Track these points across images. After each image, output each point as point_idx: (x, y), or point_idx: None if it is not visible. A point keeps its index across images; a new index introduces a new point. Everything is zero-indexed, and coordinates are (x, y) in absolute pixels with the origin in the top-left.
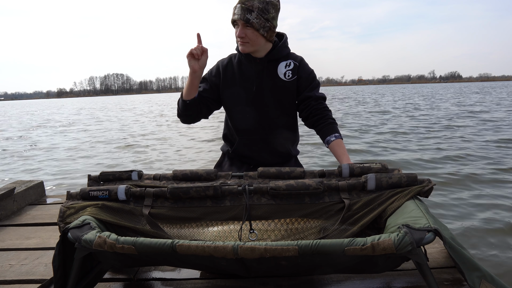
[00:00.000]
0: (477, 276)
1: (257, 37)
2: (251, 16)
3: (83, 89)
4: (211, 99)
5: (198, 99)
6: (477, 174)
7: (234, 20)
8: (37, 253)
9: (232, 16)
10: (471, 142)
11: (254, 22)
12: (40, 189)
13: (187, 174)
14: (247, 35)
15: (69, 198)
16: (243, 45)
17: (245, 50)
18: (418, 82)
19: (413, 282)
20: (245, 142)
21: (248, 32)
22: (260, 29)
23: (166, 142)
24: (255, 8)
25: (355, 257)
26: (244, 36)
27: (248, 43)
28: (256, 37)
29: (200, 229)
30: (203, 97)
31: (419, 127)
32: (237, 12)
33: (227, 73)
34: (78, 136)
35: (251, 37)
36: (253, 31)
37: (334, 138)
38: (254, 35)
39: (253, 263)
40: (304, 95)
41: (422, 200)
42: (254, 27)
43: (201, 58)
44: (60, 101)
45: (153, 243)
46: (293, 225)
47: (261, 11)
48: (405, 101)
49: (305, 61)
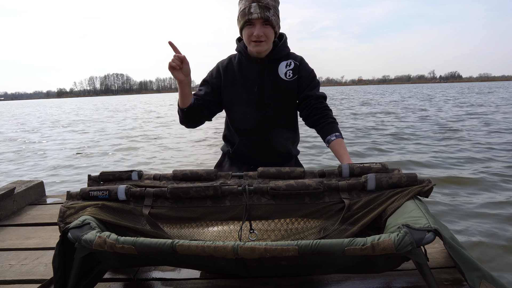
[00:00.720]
0: (477, 276)
1: (272, 35)
2: (269, 13)
3: (83, 89)
4: (213, 101)
5: (196, 104)
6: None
7: (249, 20)
8: (37, 253)
9: (244, 16)
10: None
11: (272, 20)
12: (40, 189)
13: (187, 174)
14: (265, 34)
15: (69, 198)
16: (260, 45)
17: (261, 50)
18: (418, 82)
19: (413, 282)
20: (245, 142)
21: (267, 31)
22: (276, 27)
23: (166, 142)
24: (270, 6)
25: (355, 257)
26: (263, 35)
27: (264, 42)
28: (272, 35)
29: (200, 229)
30: (205, 100)
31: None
32: (255, 11)
33: (228, 74)
34: (78, 136)
35: (269, 35)
36: (270, 29)
37: (335, 137)
38: (271, 33)
39: (253, 263)
40: (305, 94)
41: (422, 200)
42: (272, 25)
43: (182, 67)
44: (60, 101)
45: (153, 243)
46: (293, 225)
47: (275, 9)
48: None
49: (305, 61)
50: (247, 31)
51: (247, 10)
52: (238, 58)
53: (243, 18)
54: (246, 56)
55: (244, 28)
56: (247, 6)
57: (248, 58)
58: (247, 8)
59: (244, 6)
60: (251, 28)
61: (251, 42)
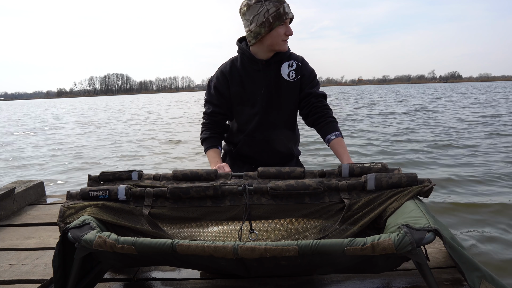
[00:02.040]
0: (477, 276)
1: None
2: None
3: (83, 89)
4: (227, 114)
5: (220, 141)
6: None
7: (283, 19)
8: (37, 253)
9: (280, 17)
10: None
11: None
12: (40, 189)
13: (187, 174)
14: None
15: (69, 198)
16: (286, 43)
17: (287, 47)
18: (418, 82)
19: (413, 282)
20: (248, 142)
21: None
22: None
23: (165, 142)
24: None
25: (355, 257)
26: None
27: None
28: None
29: (200, 229)
30: (220, 114)
31: None
32: (289, 10)
33: (233, 76)
34: (78, 136)
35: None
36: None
37: (335, 136)
38: None
39: (253, 263)
40: (305, 92)
41: (422, 200)
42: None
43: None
44: (60, 101)
45: (153, 243)
46: (293, 225)
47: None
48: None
49: (306, 61)
50: (278, 30)
51: (282, 11)
52: (241, 60)
53: (279, 19)
54: (250, 57)
55: (275, 28)
56: (280, 7)
57: (252, 60)
58: (281, 9)
59: (276, 7)
60: (283, 27)
61: (282, 41)
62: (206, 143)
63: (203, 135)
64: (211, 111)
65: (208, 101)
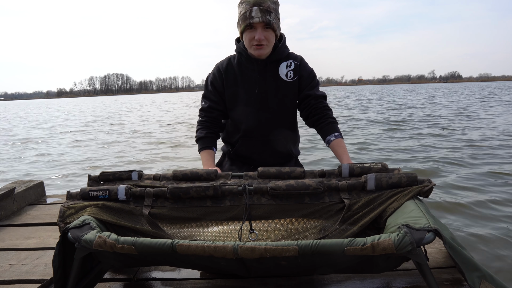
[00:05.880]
0: (477, 276)
1: (273, 39)
2: (270, 17)
3: (83, 89)
4: (224, 111)
5: (216, 140)
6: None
7: (250, 24)
8: (37, 253)
9: (245, 19)
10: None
11: (273, 24)
12: (40, 189)
13: (187, 174)
14: (267, 38)
15: (69, 198)
16: (261, 49)
17: (263, 53)
18: (418, 82)
19: (413, 282)
20: (246, 143)
21: (268, 35)
22: (277, 30)
23: (165, 142)
24: (271, 9)
25: (355, 257)
26: (264, 39)
27: (266, 46)
28: (273, 39)
29: (200, 229)
30: (217, 109)
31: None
32: (256, 15)
33: (229, 75)
34: (78, 136)
35: (270, 39)
36: (271, 32)
37: (334, 137)
38: (272, 37)
39: (253, 263)
40: (304, 94)
41: (422, 200)
42: (273, 29)
43: None
44: (60, 101)
45: (153, 243)
46: (293, 225)
47: (276, 12)
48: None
49: (305, 60)
50: (248, 35)
51: (248, 14)
52: (238, 59)
53: (244, 22)
54: (247, 57)
55: (245, 32)
56: (248, 10)
57: (249, 59)
58: (248, 12)
59: (244, 9)
60: (252, 32)
61: (252, 46)
62: (201, 143)
63: (198, 133)
64: (208, 106)
65: (205, 96)
